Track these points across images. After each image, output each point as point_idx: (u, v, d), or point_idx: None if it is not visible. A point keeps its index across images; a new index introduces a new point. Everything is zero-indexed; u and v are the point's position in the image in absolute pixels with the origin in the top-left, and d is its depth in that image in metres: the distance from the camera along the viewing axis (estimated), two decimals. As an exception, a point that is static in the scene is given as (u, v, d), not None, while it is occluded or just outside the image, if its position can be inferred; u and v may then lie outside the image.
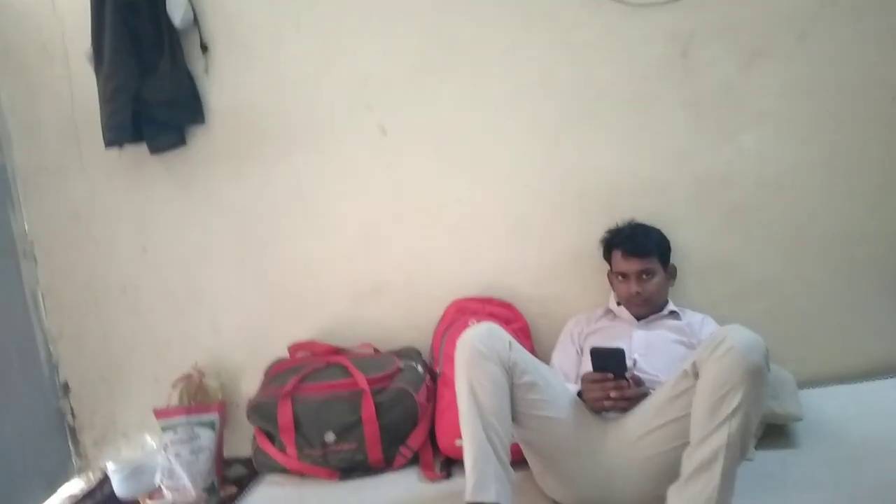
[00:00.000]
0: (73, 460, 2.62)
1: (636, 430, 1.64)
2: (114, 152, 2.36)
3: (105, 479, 2.40)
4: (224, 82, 2.34)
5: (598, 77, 2.17)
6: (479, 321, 1.85)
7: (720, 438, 1.43)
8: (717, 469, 1.42)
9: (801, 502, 1.57)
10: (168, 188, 2.43)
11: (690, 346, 1.88)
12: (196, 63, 2.33)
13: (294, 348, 2.34)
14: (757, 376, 1.45)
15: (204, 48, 2.31)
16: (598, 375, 1.70)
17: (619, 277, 2.01)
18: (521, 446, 1.78)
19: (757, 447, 1.85)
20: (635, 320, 2.01)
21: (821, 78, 2.07)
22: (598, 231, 2.11)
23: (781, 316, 2.15)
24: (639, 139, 2.17)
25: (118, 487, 2.31)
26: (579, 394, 1.76)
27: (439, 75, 2.23)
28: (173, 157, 2.38)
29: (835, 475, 1.67)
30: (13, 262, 2.49)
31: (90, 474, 2.59)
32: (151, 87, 2.26)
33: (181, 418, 2.25)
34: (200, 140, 2.37)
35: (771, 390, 1.84)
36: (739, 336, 1.49)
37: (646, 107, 2.15)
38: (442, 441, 2.06)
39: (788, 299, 2.16)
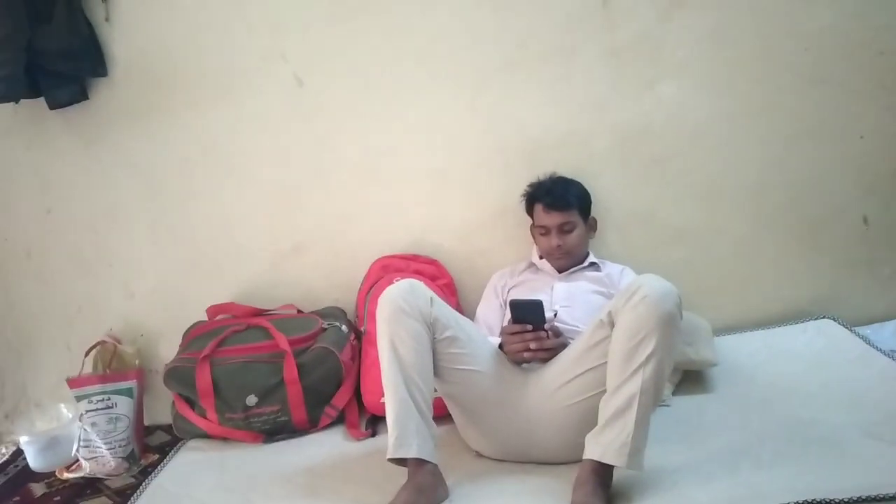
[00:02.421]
0: (-16, 434, 2.50)
1: (555, 380, 1.66)
2: (8, 108, 2.21)
3: (19, 453, 2.31)
4: (127, 30, 2.20)
5: (520, 26, 2.13)
6: (404, 279, 1.83)
7: (634, 385, 1.46)
8: (632, 415, 1.45)
9: (713, 444, 1.62)
10: (71, 145, 2.29)
11: (610, 297, 1.90)
12: (95, 10, 2.18)
13: (213, 311, 2.26)
14: (670, 324, 1.48)
15: (103, -6, 2.16)
16: (518, 327, 1.71)
17: (541, 231, 2.02)
18: (445, 400, 1.79)
19: (674, 393, 1.91)
20: (557, 273, 2.02)
21: (737, 27, 2.08)
22: (521, 185, 2.09)
23: (698, 264, 2.20)
24: (560, 90, 2.15)
25: (33, 460, 2.22)
26: (501, 346, 1.76)
27: (357, 22, 2.15)
28: (75, 111, 2.24)
29: (746, 417, 1.73)
30: None
31: (2, 448, 2.48)
32: (45, 35, 2.10)
33: (96, 387, 2.17)
34: (104, 93, 2.24)
35: (687, 337, 1.89)
36: (653, 285, 1.51)
37: (567, 57, 2.13)
38: (367, 399, 2.05)
39: (705, 248, 2.20)
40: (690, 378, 1.95)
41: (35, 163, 2.32)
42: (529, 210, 2.07)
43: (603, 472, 1.48)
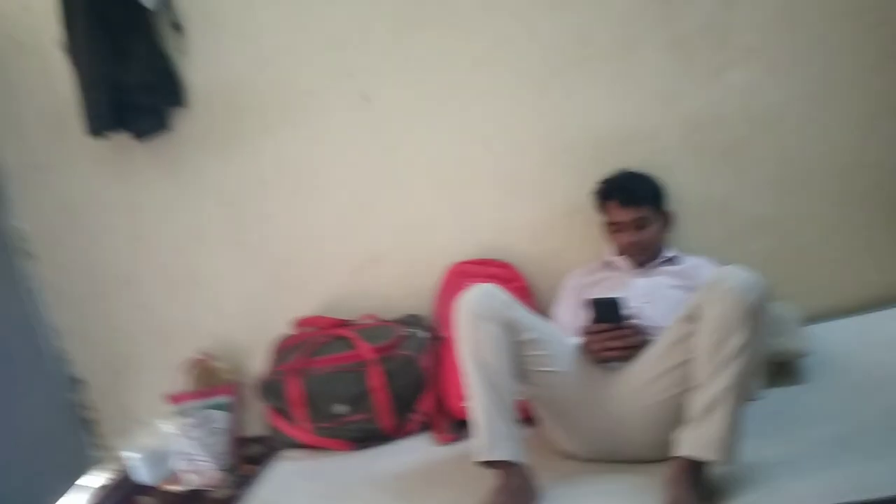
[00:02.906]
0: (92, 452, 2.65)
1: (640, 377, 1.65)
2: (99, 142, 2.32)
3: (125, 469, 2.43)
4: (201, 61, 2.30)
5: (579, 25, 2.12)
6: (479, 284, 1.84)
7: (724, 380, 1.44)
8: (723, 410, 1.43)
9: (810, 437, 1.58)
10: (156, 174, 2.41)
11: (690, 291, 1.86)
12: (171, 44, 2.29)
13: (299, 324, 2.34)
14: (757, 315, 1.45)
15: (178, 27, 2.27)
16: (598, 326, 1.70)
17: (615, 228, 2.00)
18: (530, 403, 1.80)
19: (765, 386, 1.86)
20: (634, 269, 2.00)
21: (805, 5, 2.02)
22: (591, 183, 2.07)
23: (781, 253, 2.13)
24: (625, 85, 2.13)
25: (139, 475, 2.34)
26: (582, 346, 1.76)
27: (418, 35, 2.19)
28: (159, 141, 2.35)
29: (843, 407, 1.68)
30: (12, 261, 2.49)
31: (110, 465, 2.62)
32: (128, 71, 2.23)
33: (194, 402, 2.28)
34: (184, 122, 2.35)
35: (774, 328, 1.84)
36: (737, 276, 1.49)
37: (629, 51, 2.11)
38: (451, 404, 2.08)
39: (787, 236, 2.14)
40: (781, 370, 1.90)
41: (125, 193, 2.45)
42: (601, 207, 2.05)
43: (695, 468, 1.46)
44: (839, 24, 2.02)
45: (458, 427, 2.05)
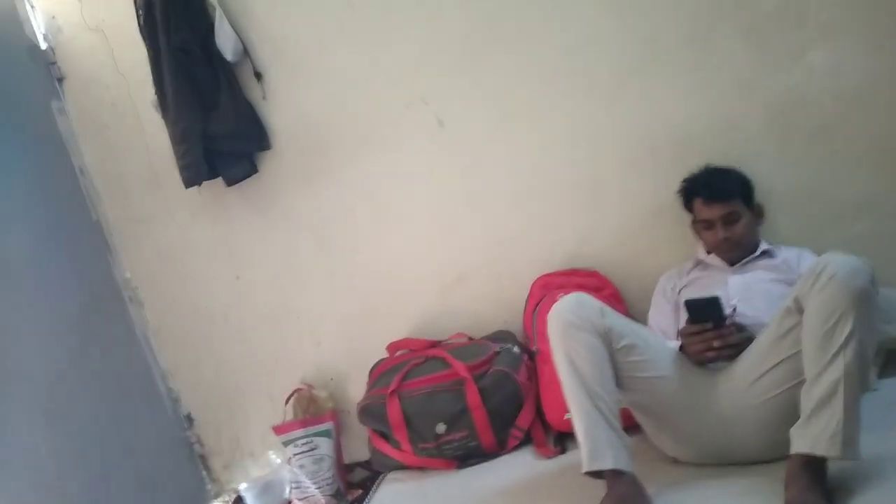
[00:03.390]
0: (208, 486, 2.77)
1: (747, 376, 1.60)
2: (194, 191, 2.46)
3: (239, 499, 2.52)
4: (282, 104, 2.41)
5: (648, 23, 2.11)
6: (567, 294, 1.84)
7: (837, 370, 1.38)
8: (839, 402, 1.37)
9: (937, 426, 1.48)
10: (249, 215, 2.53)
11: (790, 283, 1.80)
12: (253, 91, 2.41)
13: (392, 347, 2.39)
14: (865, 300, 1.39)
15: (258, 76, 2.39)
16: (697, 327, 1.66)
17: (704, 226, 1.95)
18: (632, 410, 1.77)
19: (880, 376, 1.77)
20: (728, 266, 1.94)
21: (884, -23, 1.94)
22: (675, 182, 2.04)
23: (885, 234, 2.02)
24: (701, 79, 2.10)
25: (253, 504, 2.42)
26: (681, 349, 1.72)
27: (486, 53, 2.23)
28: (249, 185, 2.47)
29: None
30: (122, 309, 2.65)
31: (225, 497, 2.73)
32: (216, 122, 2.35)
33: (299, 431, 2.34)
34: (271, 164, 2.46)
35: (884, 314, 1.74)
36: (840, 262, 1.43)
37: (702, 43, 2.08)
38: (550, 417, 2.06)
39: (889, 215, 2.03)
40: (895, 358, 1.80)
41: (221, 235, 2.57)
42: (688, 206, 2.01)
43: (815, 465, 1.40)
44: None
45: (559, 440, 2.04)
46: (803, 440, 1.40)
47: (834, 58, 2.00)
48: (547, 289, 2.25)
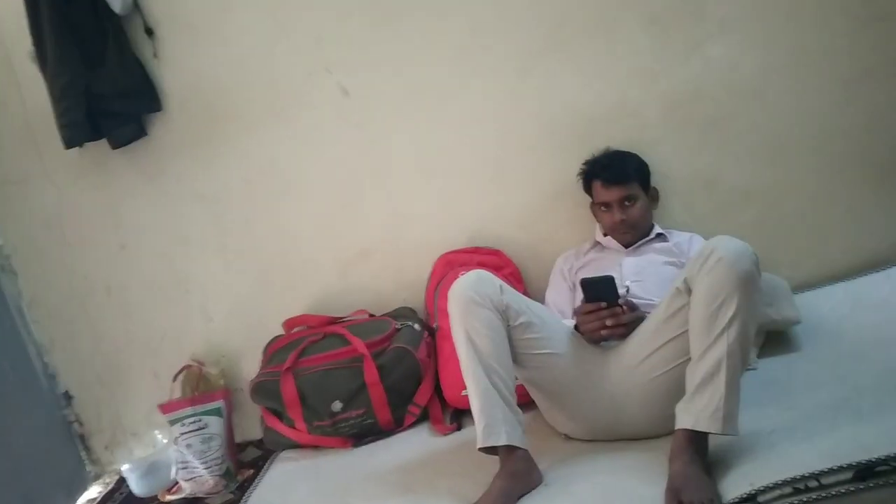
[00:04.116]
0: (88, 467, 2.61)
1: (637, 354, 1.65)
2: (75, 152, 2.28)
3: (122, 481, 2.40)
4: (176, 65, 2.27)
5: (556, 6, 2.11)
6: (469, 271, 1.84)
7: (720, 350, 1.44)
8: (721, 380, 1.43)
9: (806, 403, 1.57)
10: (137, 182, 2.38)
11: (681, 266, 1.87)
12: (144, 49, 2.26)
13: (289, 324, 2.32)
14: (749, 283, 1.45)
15: (149, 32, 2.24)
16: (592, 306, 1.69)
17: (602, 208, 2.00)
18: (527, 387, 1.79)
19: (759, 355, 1.87)
20: (623, 248, 2.00)
21: (778, -24, 2.03)
22: (576, 165, 2.07)
23: (769, 223, 2.14)
24: (604, 65, 2.13)
25: (136, 487, 2.30)
26: (576, 327, 1.75)
27: (394, 26, 2.18)
28: (137, 149, 2.32)
29: (838, 372, 1.68)
30: (-7, 279, 2.46)
31: (106, 478, 2.59)
32: (100, 79, 2.19)
33: (187, 409, 2.24)
34: (161, 128, 2.32)
35: (766, 297, 1.84)
36: (727, 246, 1.48)
37: (608, 30, 2.11)
38: (448, 394, 2.07)
39: (774, 205, 2.14)
40: (775, 339, 1.90)
41: (105, 202, 2.41)
42: (588, 188, 2.05)
43: (698, 440, 1.45)
44: (811, -8, 2.03)
45: (456, 417, 2.05)
46: (687, 416, 1.46)
47: (728, 52, 2.07)
48: (450, 266, 2.24)
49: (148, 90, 2.26)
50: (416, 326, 2.18)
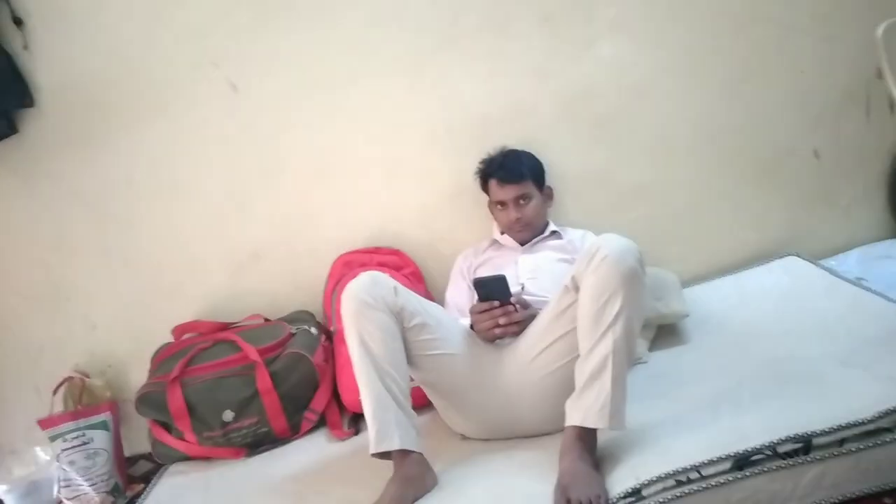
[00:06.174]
0: (-40, 489, 2.43)
1: (529, 351, 1.65)
2: (-64, 151, 2.12)
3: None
4: (49, 57, 2.13)
5: (450, 3, 2.10)
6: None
7: (606, 346, 1.45)
8: (607, 376, 1.44)
9: (693, 394, 1.62)
10: (7, 181, 2.22)
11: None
12: (13, 39, 2.10)
13: (178, 331, 2.21)
14: (633, 280, 1.47)
15: (18, 21, 2.09)
16: (485, 305, 1.69)
17: (498, 206, 2.00)
18: (423, 388, 1.77)
19: (650, 349, 1.91)
20: (519, 246, 2.01)
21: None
22: (473, 163, 2.07)
23: (659, 219, 2.20)
24: (499, 63, 2.14)
25: (15, 508, 2.17)
26: (472, 327, 1.74)
27: (285, 19, 2.11)
28: (7, 146, 2.16)
29: (723, 363, 1.74)
30: None
31: (-19, 500, 2.42)
32: (-38, 71, 2.03)
33: (69, 424, 2.12)
34: (34, 124, 2.16)
35: (655, 292, 1.89)
36: (612, 244, 1.50)
37: (500, 29, 2.12)
38: (346, 398, 2.02)
39: (664, 201, 2.21)
40: (665, 332, 1.96)
41: (-29, 204, 2.24)
42: (484, 187, 2.05)
43: (586, 436, 1.46)
44: (695, -6, 2.09)
45: (354, 421, 2.01)
46: (576, 413, 1.47)
47: (617, 52, 2.12)
48: (349, 267, 2.20)
49: (17, 84, 2.11)
50: (313, 330, 2.12)
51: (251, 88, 2.15)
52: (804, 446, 1.32)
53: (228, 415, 1.96)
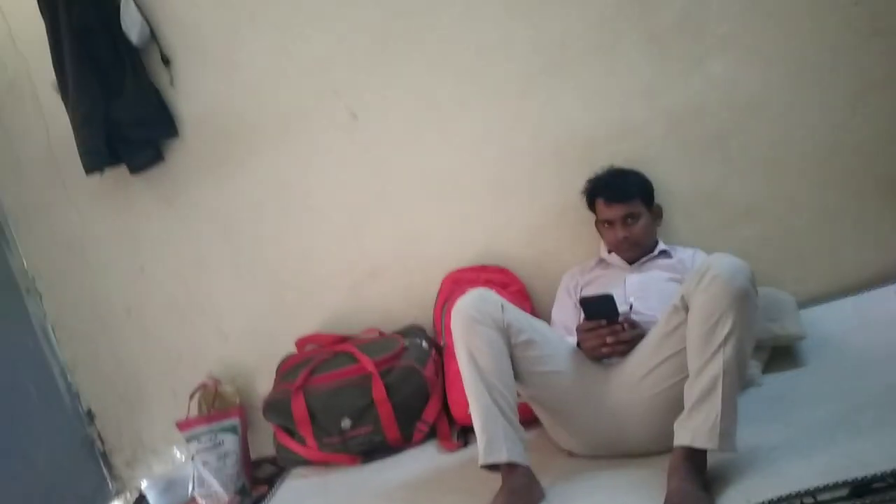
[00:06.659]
0: (109, 483, 2.68)
1: (637, 371, 1.66)
2: (96, 178, 2.38)
3: (142, 497, 2.45)
4: (191, 91, 2.35)
5: (557, 28, 2.15)
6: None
7: (716, 366, 1.44)
8: (717, 397, 1.43)
9: (808, 419, 1.57)
10: (154, 205, 2.46)
11: (683, 282, 1.88)
12: (161, 77, 2.35)
13: (301, 342, 2.37)
14: (744, 300, 1.46)
15: (166, 61, 2.33)
16: (593, 324, 1.71)
17: (606, 225, 2.01)
18: (530, 404, 1.80)
19: (764, 371, 1.86)
20: (627, 265, 2.01)
21: (778, -8, 2.04)
22: (580, 183, 2.09)
23: (774, 238, 2.13)
24: (607, 84, 2.16)
25: (155, 502, 2.36)
26: (578, 345, 1.76)
27: (400, 50, 2.23)
28: (154, 173, 2.41)
29: (841, 387, 1.67)
30: (18, 299, 2.54)
31: (127, 494, 2.65)
32: (119, 107, 2.28)
33: (203, 427, 2.29)
34: (177, 152, 2.40)
35: (771, 313, 1.85)
36: (723, 263, 1.49)
37: (609, 50, 2.14)
38: (455, 411, 2.08)
39: (779, 220, 2.14)
40: (780, 355, 1.90)
41: (125, 226, 2.49)
42: (591, 206, 2.07)
43: (695, 457, 1.46)
44: (813, 8, 2.03)
45: (463, 434, 2.07)
46: (685, 433, 1.46)
47: (729, 69, 2.09)
48: (457, 284, 2.27)
49: (164, 117, 2.35)
50: (424, 344, 2.21)
51: (369, 115, 2.28)
52: (929, 476, 1.26)
53: (346, 422, 2.07)
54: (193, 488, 2.29)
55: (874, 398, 1.56)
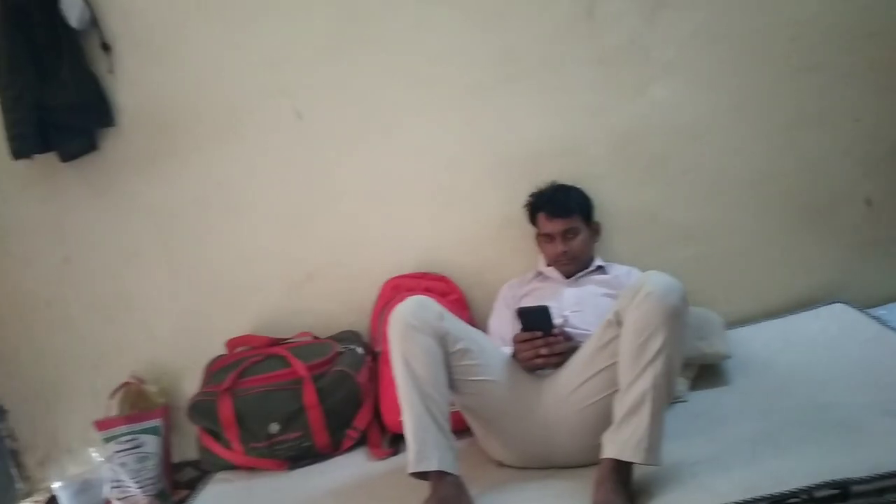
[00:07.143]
0: (18, 484, 2.54)
1: (569, 383, 1.67)
2: (24, 164, 2.26)
3: (53, 499, 2.34)
4: (131, 81, 2.28)
5: (509, 42, 2.17)
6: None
7: (646, 382, 1.47)
8: (646, 411, 1.46)
9: (731, 435, 1.62)
10: (85, 195, 2.36)
11: (618, 298, 1.91)
12: (99, 64, 2.26)
13: (232, 344, 2.31)
14: (676, 318, 1.49)
15: (106, 47, 2.24)
16: (528, 335, 1.72)
17: (546, 239, 2.04)
18: (463, 413, 1.80)
19: (690, 388, 1.91)
20: (564, 279, 2.04)
21: (723, 22, 2.11)
22: (523, 196, 2.12)
23: (707, 260, 2.20)
24: (554, 101, 2.19)
25: (67, 505, 2.26)
26: (514, 355, 1.77)
27: (350, 54, 2.22)
28: (86, 162, 2.31)
29: (763, 406, 1.73)
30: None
31: (37, 496, 2.52)
32: (53, 92, 2.19)
33: (123, 427, 2.21)
34: (113, 142, 2.31)
35: (699, 332, 1.90)
36: (657, 281, 1.53)
37: (558, 68, 2.17)
38: (387, 418, 2.06)
39: (713, 243, 2.21)
40: (706, 372, 1.95)
41: (51, 215, 2.38)
42: (533, 219, 2.10)
43: (622, 469, 1.48)
44: (755, 40, 2.12)
45: (394, 441, 2.05)
46: (612, 445, 1.48)
47: (673, 94, 2.15)
48: (397, 290, 2.26)
49: (101, 105, 2.26)
50: (359, 350, 2.18)
51: (315, 117, 2.26)
52: (842, 493, 1.31)
53: (274, 427, 2.03)
54: (109, 490, 2.20)
55: (795, 417, 1.62)
